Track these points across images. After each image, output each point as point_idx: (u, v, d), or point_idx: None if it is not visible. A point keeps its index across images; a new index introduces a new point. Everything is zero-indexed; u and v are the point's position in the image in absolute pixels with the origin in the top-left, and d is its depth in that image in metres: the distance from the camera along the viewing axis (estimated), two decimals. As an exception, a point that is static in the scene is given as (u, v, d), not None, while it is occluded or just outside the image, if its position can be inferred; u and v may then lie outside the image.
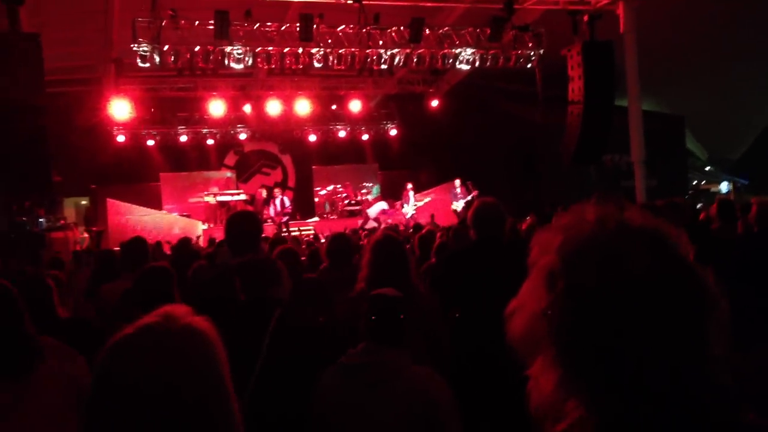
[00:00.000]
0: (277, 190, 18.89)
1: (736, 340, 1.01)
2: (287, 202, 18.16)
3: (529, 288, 1.06)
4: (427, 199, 19.28)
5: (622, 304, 0.94)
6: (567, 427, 0.98)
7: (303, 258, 5.90)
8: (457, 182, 18.14)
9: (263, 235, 6.01)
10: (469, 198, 17.29)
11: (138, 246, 5.36)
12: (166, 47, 12.76)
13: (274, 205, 17.96)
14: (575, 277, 0.97)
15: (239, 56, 13.48)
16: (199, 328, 1.30)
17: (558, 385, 0.99)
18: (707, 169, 30.13)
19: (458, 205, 17.86)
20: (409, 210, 18.44)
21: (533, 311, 1.03)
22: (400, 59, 14.57)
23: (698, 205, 12.81)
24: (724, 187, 29.21)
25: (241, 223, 4.15)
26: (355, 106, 20.53)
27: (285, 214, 17.92)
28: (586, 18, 14.05)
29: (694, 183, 28.61)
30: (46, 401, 2.52)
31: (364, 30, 13.70)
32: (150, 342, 1.24)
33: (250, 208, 19.82)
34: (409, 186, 18.65)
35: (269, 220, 17.88)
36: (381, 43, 14.25)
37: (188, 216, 19.62)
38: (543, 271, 1.03)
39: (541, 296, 1.02)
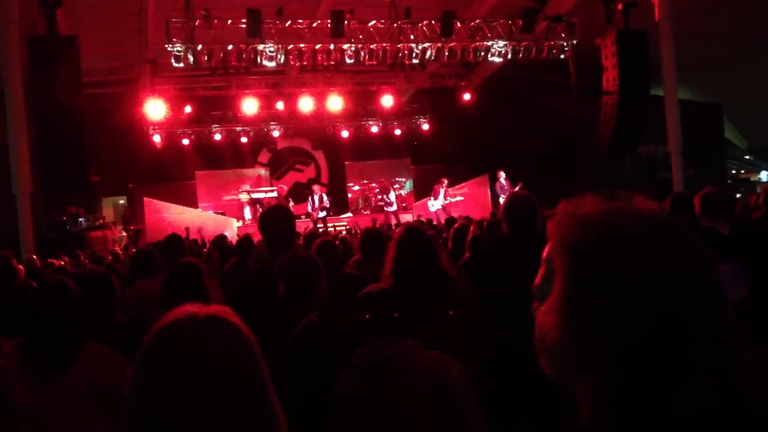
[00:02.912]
0: (315, 186, 19.01)
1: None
2: (325, 198, 18.24)
3: (563, 284, 1.04)
4: (458, 198, 19.01)
5: (681, 287, 0.95)
6: None
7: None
8: (502, 174, 17.93)
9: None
10: (516, 189, 17.11)
11: (175, 242, 5.43)
12: (199, 47, 12.91)
13: (312, 200, 18.05)
14: (633, 265, 0.96)
15: (271, 54, 13.57)
16: (228, 320, 1.31)
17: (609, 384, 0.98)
18: (746, 158, 29.51)
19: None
20: (435, 204, 18.26)
21: (573, 306, 1.01)
22: (431, 53, 14.53)
23: (737, 195, 12.58)
24: (763, 176, 28.61)
25: (276, 218, 4.15)
26: (387, 101, 20.50)
27: (323, 209, 18.00)
28: (620, 6, 13.85)
29: (733, 172, 28.05)
30: (70, 405, 2.48)
31: (395, 25, 13.70)
32: (190, 328, 1.26)
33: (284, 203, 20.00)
34: (445, 182, 18.45)
35: (304, 216, 17.97)
36: (412, 37, 14.23)
37: (223, 213, 19.83)
38: (578, 263, 1.02)
39: (580, 291, 1.01)
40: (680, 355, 0.94)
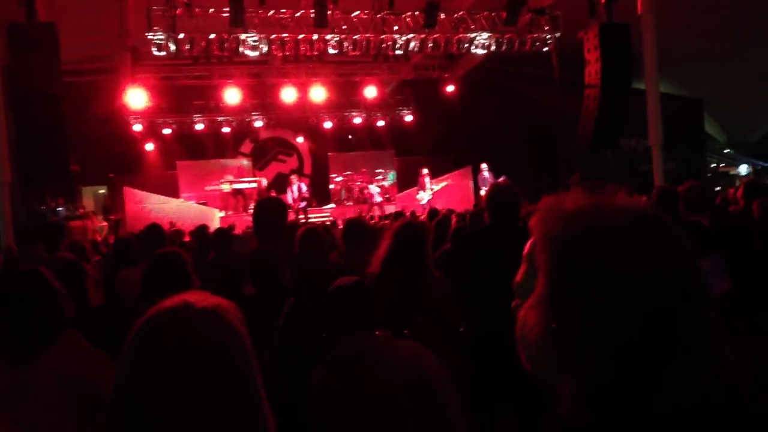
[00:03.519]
0: (293, 177, 18.96)
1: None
2: (304, 188, 18.20)
3: (547, 281, 1.02)
4: (443, 184, 19.16)
5: (667, 285, 0.95)
6: None
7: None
8: (484, 166, 18.00)
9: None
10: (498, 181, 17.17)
11: (155, 232, 5.40)
12: (181, 35, 12.80)
13: (292, 191, 18.01)
14: (619, 263, 0.96)
15: (254, 44, 13.49)
16: (224, 308, 1.31)
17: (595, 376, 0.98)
18: (726, 152, 29.80)
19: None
20: (424, 196, 18.38)
21: (558, 305, 1.01)
22: (415, 44, 14.51)
23: (717, 188, 12.70)
24: (743, 170, 28.90)
25: (266, 210, 4.16)
26: (371, 92, 20.46)
27: (303, 200, 17.99)
28: (603, 0, 13.90)
29: (713, 166, 28.31)
30: (38, 394, 2.45)
31: (378, 15, 13.66)
32: (176, 320, 1.25)
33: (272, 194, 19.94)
34: (425, 171, 18.55)
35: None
36: (396, 28, 14.20)
37: (205, 204, 19.74)
38: (563, 261, 1.01)
39: (565, 289, 1.00)
40: (663, 351, 0.94)
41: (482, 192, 17.87)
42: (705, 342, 0.96)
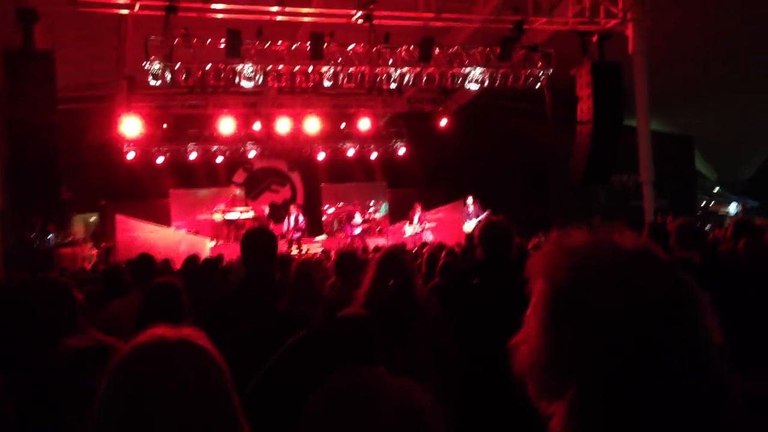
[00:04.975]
0: (292, 207, 18.98)
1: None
2: (301, 219, 18.20)
3: (536, 318, 1.05)
4: (433, 224, 19.01)
5: (650, 323, 0.96)
6: None
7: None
8: (470, 200, 18.04)
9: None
10: (482, 216, 17.20)
11: (146, 262, 5.37)
12: (177, 65, 12.87)
13: (288, 221, 18.00)
14: (601, 301, 0.97)
15: (250, 74, 13.56)
16: (198, 344, 1.29)
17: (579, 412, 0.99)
18: (716, 190, 29.99)
19: (470, 225, 17.66)
20: (409, 230, 18.31)
21: (547, 341, 1.02)
22: (409, 78, 14.63)
23: (707, 226, 12.76)
24: (733, 208, 29.07)
25: (257, 241, 4.13)
26: (365, 124, 20.58)
27: (298, 230, 17.97)
28: (595, 38, 14.11)
29: (703, 204, 28.47)
30: None
31: (374, 49, 13.77)
32: (150, 358, 1.23)
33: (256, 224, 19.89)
34: (417, 207, 18.48)
35: (279, 237, 17.85)
36: (391, 61, 14.32)
37: (197, 233, 19.66)
38: (552, 300, 1.02)
39: (553, 326, 1.01)
40: (649, 388, 0.94)
41: (466, 224, 17.90)
42: (701, 377, 0.96)
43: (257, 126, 20.61)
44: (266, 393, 2.93)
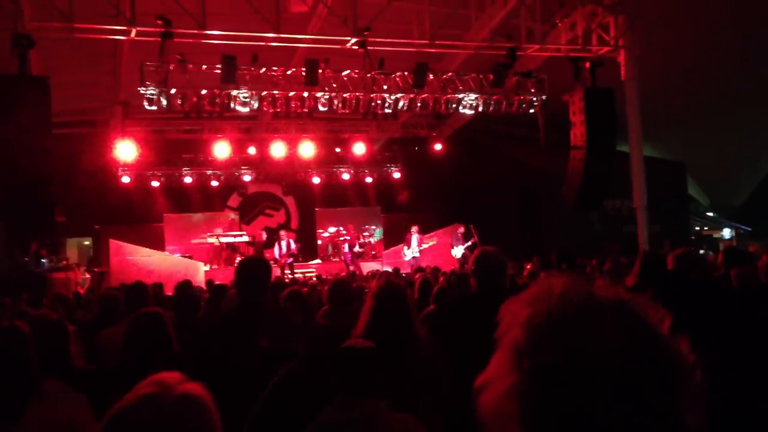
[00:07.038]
0: (283, 232, 18.93)
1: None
2: (293, 245, 18.18)
3: (497, 362, 1.02)
4: (431, 242, 19.15)
5: (595, 383, 0.91)
6: None
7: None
8: (461, 229, 18.09)
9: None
10: (469, 243, 17.23)
11: (140, 290, 5.35)
12: (173, 90, 12.91)
13: (280, 246, 17.97)
14: (543, 356, 0.94)
15: (245, 100, 13.61)
16: (195, 396, 1.28)
17: None
18: (709, 215, 30.13)
19: (458, 251, 17.74)
20: (408, 254, 18.34)
21: (501, 388, 1.00)
22: (404, 103, 14.71)
23: (701, 251, 12.78)
24: (726, 233, 29.19)
25: (252, 270, 4.14)
26: (359, 149, 20.65)
27: (290, 255, 17.94)
28: (587, 65, 14.23)
29: (696, 229, 28.58)
30: None
31: (368, 75, 13.87)
32: (147, 414, 1.22)
33: (251, 249, 19.87)
34: (414, 229, 18.51)
35: (272, 262, 17.83)
36: (385, 87, 14.40)
37: (190, 257, 19.59)
38: (510, 345, 1.01)
39: (509, 372, 0.99)
40: None
41: (454, 250, 17.91)
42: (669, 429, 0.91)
43: (252, 150, 20.69)
44: (263, 424, 2.91)
